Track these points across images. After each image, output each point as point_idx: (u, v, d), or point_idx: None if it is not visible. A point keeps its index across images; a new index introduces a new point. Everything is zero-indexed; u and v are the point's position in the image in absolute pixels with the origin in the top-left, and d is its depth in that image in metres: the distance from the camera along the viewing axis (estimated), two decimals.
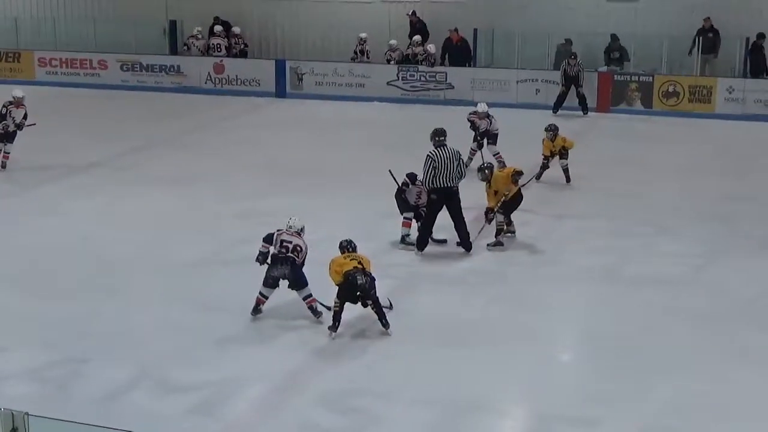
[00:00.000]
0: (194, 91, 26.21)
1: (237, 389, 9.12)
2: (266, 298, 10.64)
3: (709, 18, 24.25)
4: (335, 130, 21.69)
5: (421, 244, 12.76)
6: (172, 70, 26.95)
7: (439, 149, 12.55)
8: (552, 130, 16.55)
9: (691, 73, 24.30)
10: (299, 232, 10.65)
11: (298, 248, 10.52)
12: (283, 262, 10.50)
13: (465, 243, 12.79)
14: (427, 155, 12.51)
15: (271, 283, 10.61)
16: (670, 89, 23.63)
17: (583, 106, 23.33)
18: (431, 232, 12.85)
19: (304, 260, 10.56)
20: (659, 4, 25.17)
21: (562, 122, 18.47)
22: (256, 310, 10.63)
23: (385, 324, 10.17)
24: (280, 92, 25.98)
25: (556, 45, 25.16)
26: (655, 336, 10.27)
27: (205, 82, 26.64)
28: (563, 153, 16.62)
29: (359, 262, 10.16)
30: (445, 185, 12.48)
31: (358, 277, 9.97)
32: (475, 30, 25.80)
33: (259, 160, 18.17)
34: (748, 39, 24.05)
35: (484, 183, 13.20)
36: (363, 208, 14.80)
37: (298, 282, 10.53)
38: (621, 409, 8.74)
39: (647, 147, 19.76)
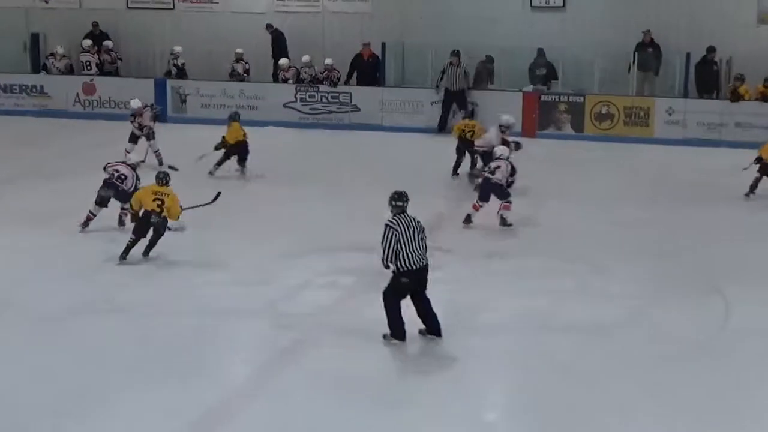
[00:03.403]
0: (61, 114, 25.97)
1: None
2: (94, 215, 15.28)
3: (649, 31, 24.69)
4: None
5: (399, 332, 11.38)
6: (34, 90, 26.64)
7: (399, 217, 11.28)
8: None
9: (627, 92, 24.71)
10: (132, 166, 15.49)
11: (123, 177, 15.19)
12: (110, 186, 15.17)
13: (436, 330, 11.50)
14: (387, 226, 11.20)
15: (99, 201, 15.27)
16: (604, 111, 24.00)
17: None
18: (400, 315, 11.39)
19: (131, 187, 15.05)
20: (591, 14, 25.53)
21: None
22: (86, 224, 15.22)
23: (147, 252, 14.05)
24: (161, 116, 25.79)
25: (476, 63, 25.42)
26: (591, 388, 10.36)
27: (73, 105, 26.40)
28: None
29: (162, 203, 13.88)
30: (418, 264, 11.22)
31: (152, 217, 13.88)
32: (384, 44, 25.93)
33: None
34: (689, 55, 24.52)
35: None
36: (261, 248, 14.79)
37: (121, 199, 15.19)
38: None
39: (578, 175, 20.02)
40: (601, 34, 24.95)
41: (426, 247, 11.34)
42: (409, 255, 11.14)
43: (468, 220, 16.21)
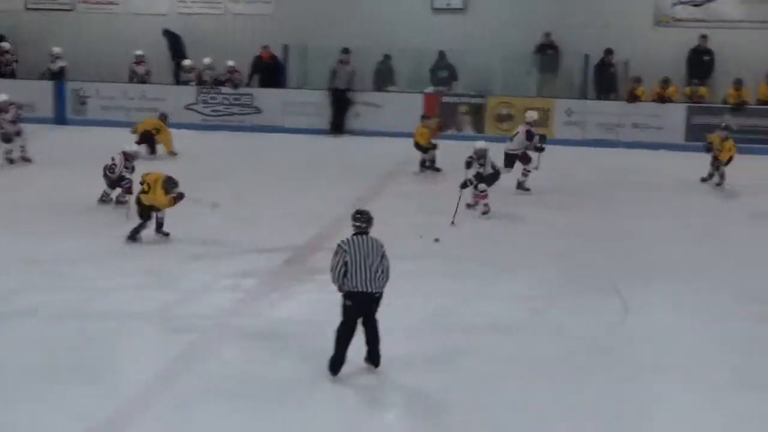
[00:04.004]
0: None
1: None
2: (107, 195, 17.33)
3: (549, 33, 25.01)
4: None
5: (337, 365, 10.64)
6: None
7: (356, 238, 10.63)
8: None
9: (527, 94, 25.00)
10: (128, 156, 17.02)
11: (113, 166, 16.91)
12: (104, 176, 17.09)
13: (375, 360, 10.83)
14: (338, 246, 10.51)
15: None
16: (504, 112, 24.25)
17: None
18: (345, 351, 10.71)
19: (118, 176, 16.87)
20: (491, 17, 25.75)
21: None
22: (102, 200, 17.29)
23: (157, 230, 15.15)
24: (60, 118, 25.55)
25: (376, 64, 25.54)
26: (494, 388, 10.46)
27: None
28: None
29: (148, 186, 15.04)
30: (364, 289, 10.47)
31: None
32: (286, 46, 25.93)
33: (34, 200, 17.76)
34: (588, 57, 24.89)
35: None
36: (162, 250, 14.73)
37: (111, 186, 17.06)
38: None
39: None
40: (501, 36, 25.17)
41: (383, 273, 10.51)
42: (357, 278, 10.39)
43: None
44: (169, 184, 15.09)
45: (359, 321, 10.60)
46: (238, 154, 22.37)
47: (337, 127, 24.55)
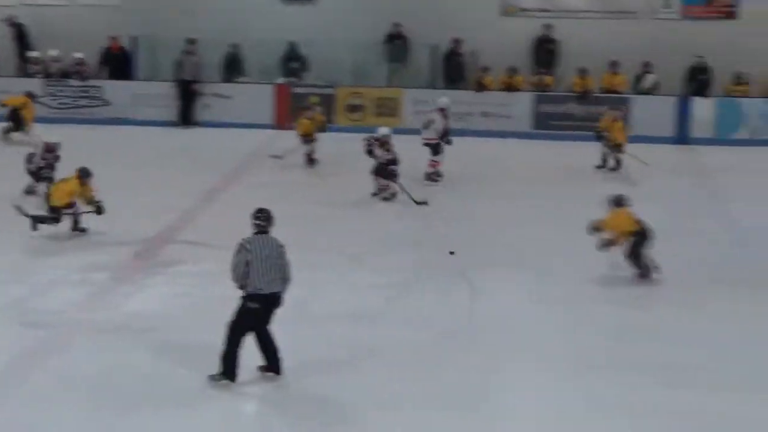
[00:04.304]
0: None
1: None
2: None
3: (398, 24, 25.20)
4: None
5: (231, 371, 10.31)
6: None
7: (258, 237, 10.41)
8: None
9: (377, 84, 25.20)
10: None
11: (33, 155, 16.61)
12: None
13: (276, 367, 10.47)
14: (240, 245, 10.27)
15: None
16: (355, 102, 24.39)
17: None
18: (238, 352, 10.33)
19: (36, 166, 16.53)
20: (341, 8, 25.72)
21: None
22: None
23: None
24: None
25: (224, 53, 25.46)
26: (349, 377, 10.56)
27: None
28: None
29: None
30: (268, 290, 10.22)
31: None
32: (134, 38, 25.64)
33: None
34: (436, 47, 25.17)
35: None
36: (9, 245, 14.51)
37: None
38: None
39: (331, 168, 20.28)
40: (350, 26, 25.18)
41: (283, 272, 10.33)
42: (260, 279, 10.13)
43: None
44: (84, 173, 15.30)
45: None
46: (86, 148, 21.98)
47: (186, 118, 24.37)
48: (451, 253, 14.38)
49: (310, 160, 20.31)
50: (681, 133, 23.34)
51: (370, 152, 17.60)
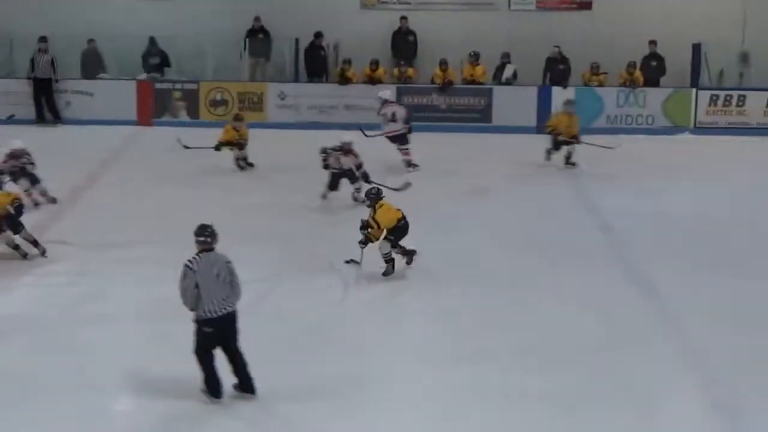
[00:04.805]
0: None
1: None
2: None
3: (259, 18, 25.17)
4: None
5: (216, 387, 9.93)
6: None
7: (202, 256, 9.78)
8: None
9: (240, 78, 25.15)
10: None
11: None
12: None
13: (250, 387, 10.00)
14: (185, 266, 9.66)
15: None
16: (218, 97, 24.31)
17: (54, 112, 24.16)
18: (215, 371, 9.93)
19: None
20: (200, 3, 25.80)
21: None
22: None
23: None
24: None
25: (83, 49, 25.12)
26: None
27: None
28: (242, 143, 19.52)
29: None
30: (221, 311, 9.67)
31: None
32: None
33: None
34: (297, 40, 25.21)
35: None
36: None
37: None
38: None
39: (197, 162, 20.12)
40: (212, 21, 25.19)
41: (234, 290, 9.79)
42: (211, 301, 9.58)
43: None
44: None
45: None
46: None
47: (43, 116, 23.95)
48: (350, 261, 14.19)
49: (246, 164, 19.89)
50: (542, 122, 23.75)
51: (326, 167, 17.35)
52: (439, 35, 25.20)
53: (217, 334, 9.70)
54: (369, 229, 13.55)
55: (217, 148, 19.36)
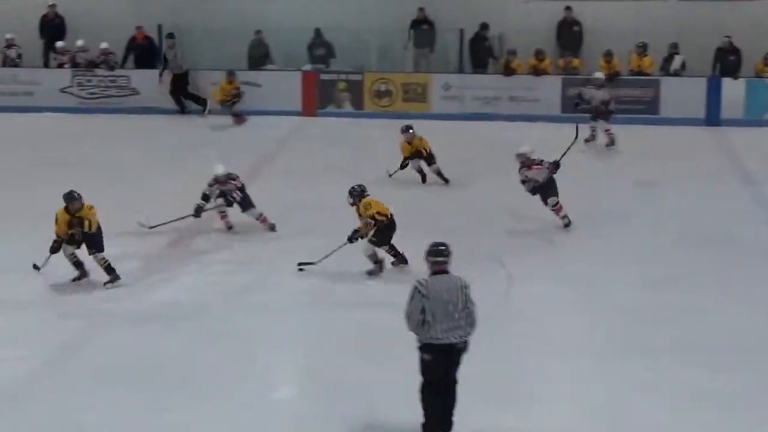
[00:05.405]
0: None
1: None
2: None
3: (423, 9, 25.18)
4: None
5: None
6: None
7: (435, 278, 8.80)
8: (410, 130, 17.97)
9: (404, 69, 25.20)
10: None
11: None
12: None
13: (448, 427, 9.07)
14: (415, 289, 8.74)
15: None
16: (382, 88, 24.38)
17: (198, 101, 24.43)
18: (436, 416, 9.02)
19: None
20: None
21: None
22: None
23: None
24: None
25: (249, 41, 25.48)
26: (368, 363, 10.63)
27: None
28: (429, 157, 18.02)
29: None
30: (448, 340, 8.75)
31: None
32: (160, 26, 25.65)
33: None
34: (462, 31, 25.12)
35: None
36: (41, 235, 14.56)
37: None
38: None
39: (360, 154, 20.23)
40: (376, 13, 25.20)
41: (469, 318, 8.80)
42: (438, 327, 8.65)
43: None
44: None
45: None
46: (114, 137, 22.17)
47: (183, 109, 24.33)
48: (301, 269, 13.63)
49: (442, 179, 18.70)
50: (711, 114, 23.18)
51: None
52: (606, 25, 24.80)
53: (438, 363, 8.76)
54: (374, 222, 13.25)
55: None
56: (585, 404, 9.84)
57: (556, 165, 15.35)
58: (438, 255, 8.81)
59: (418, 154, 18.01)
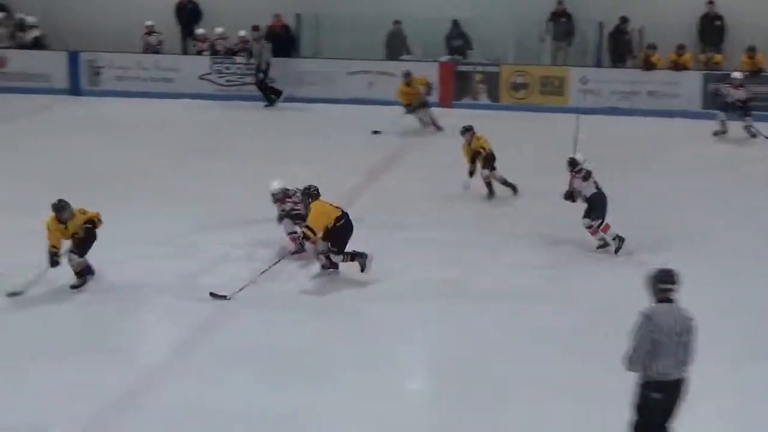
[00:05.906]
0: None
1: None
2: None
3: (561, 1, 24.96)
4: (140, 132, 21.52)
5: None
6: None
7: (664, 307, 7.88)
8: (469, 131, 16.73)
9: (542, 62, 25.00)
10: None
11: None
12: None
13: None
14: (644, 316, 7.80)
15: None
16: (519, 80, 24.24)
17: (269, 96, 24.44)
18: None
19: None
20: None
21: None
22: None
23: None
24: (75, 89, 25.59)
25: (387, 31, 25.51)
26: (504, 357, 10.53)
27: None
28: (488, 157, 16.65)
29: None
30: (678, 375, 7.92)
31: None
32: (298, 15, 25.88)
33: (47, 170, 17.80)
34: (602, 24, 24.83)
35: None
36: (177, 222, 14.80)
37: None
38: None
39: (494, 146, 20.06)
40: (514, 4, 25.10)
41: (688, 353, 7.91)
42: (667, 362, 7.81)
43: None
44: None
45: None
46: (251, 125, 22.43)
47: (270, 100, 24.46)
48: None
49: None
50: None
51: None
52: (748, 20, 24.22)
53: (664, 402, 7.95)
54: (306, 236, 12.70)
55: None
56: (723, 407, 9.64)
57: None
58: (668, 282, 7.90)
59: (476, 154, 16.67)
